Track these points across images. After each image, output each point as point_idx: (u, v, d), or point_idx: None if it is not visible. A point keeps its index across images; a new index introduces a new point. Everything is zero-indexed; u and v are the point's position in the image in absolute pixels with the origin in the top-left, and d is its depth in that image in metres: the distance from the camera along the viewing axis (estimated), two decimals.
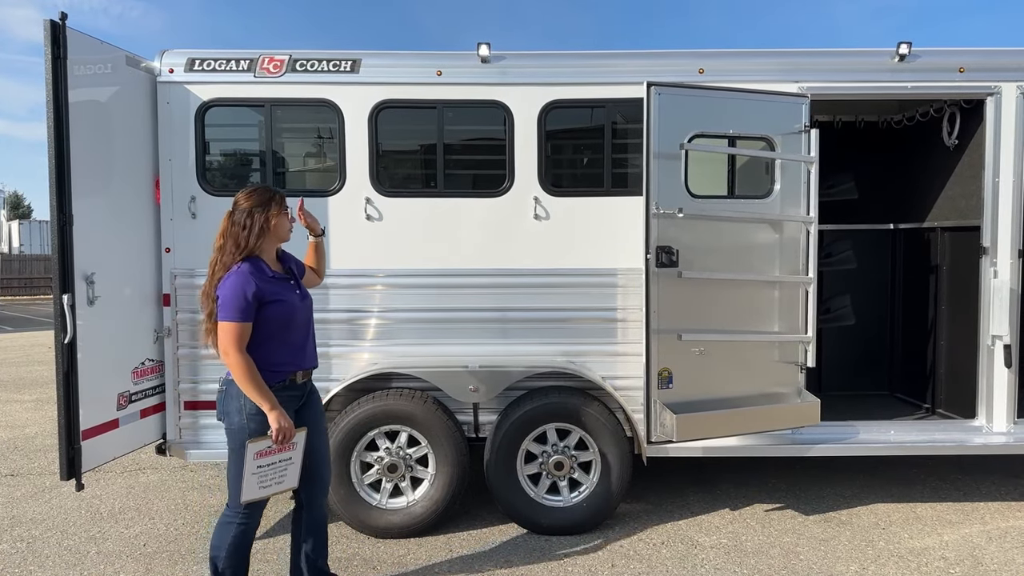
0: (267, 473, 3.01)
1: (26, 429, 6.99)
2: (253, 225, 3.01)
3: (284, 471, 3.05)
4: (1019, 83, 4.38)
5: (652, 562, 3.95)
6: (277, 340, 3.05)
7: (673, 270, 4.05)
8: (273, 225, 3.06)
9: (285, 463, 3.04)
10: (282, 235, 3.14)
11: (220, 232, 3.06)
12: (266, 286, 3.00)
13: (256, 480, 2.99)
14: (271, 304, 3.00)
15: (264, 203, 3.05)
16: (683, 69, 4.33)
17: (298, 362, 3.15)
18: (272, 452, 2.99)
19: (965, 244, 4.80)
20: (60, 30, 3.52)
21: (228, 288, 2.93)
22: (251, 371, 2.93)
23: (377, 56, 4.38)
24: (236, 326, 2.91)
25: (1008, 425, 4.52)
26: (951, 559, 3.98)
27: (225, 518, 3.11)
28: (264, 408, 2.94)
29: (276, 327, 3.03)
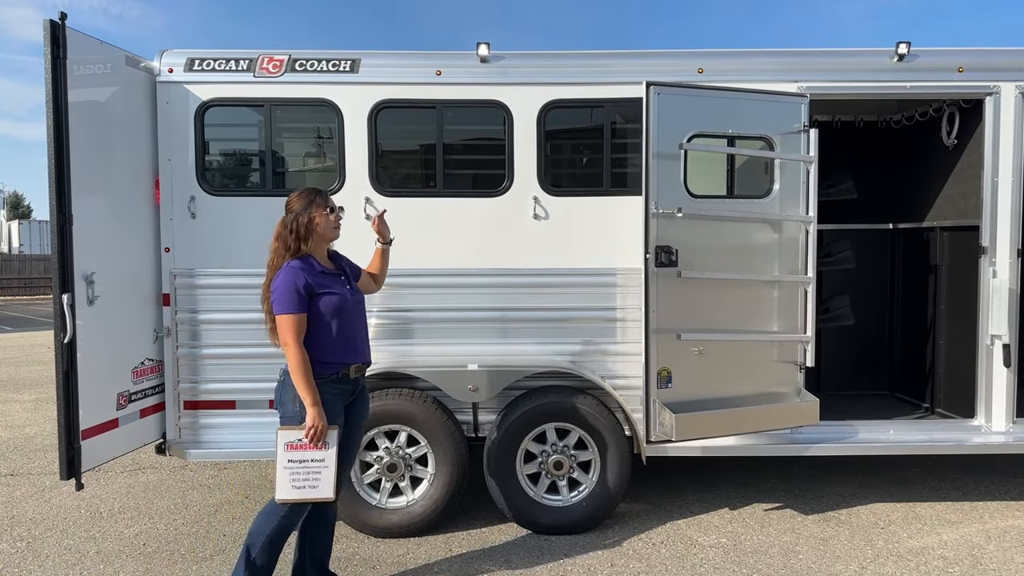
0: (299, 472, 3.05)
1: (25, 429, 6.99)
2: (298, 227, 3.14)
3: (318, 474, 3.07)
4: (1018, 83, 4.39)
5: (651, 561, 3.96)
6: (331, 334, 3.16)
7: (672, 270, 4.05)
8: (316, 225, 3.17)
9: (318, 465, 3.07)
10: (326, 234, 3.23)
11: (275, 235, 3.22)
12: (315, 279, 3.13)
13: (289, 476, 3.04)
14: (321, 296, 3.12)
15: (306, 205, 3.17)
16: (682, 69, 4.33)
17: (351, 356, 3.25)
18: (303, 447, 3.04)
19: (964, 244, 4.80)
20: (60, 30, 3.52)
21: (279, 283, 3.07)
22: (303, 364, 3.04)
23: (376, 56, 4.38)
24: (291, 318, 3.04)
25: (1007, 424, 4.52)
26: (950, 558, 3.98)
27: (270, 507, 3.18)
28: (305, 402, 3.04)
29: (329, 319, 3.14)
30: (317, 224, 3.18)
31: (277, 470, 3.03)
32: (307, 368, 3.06)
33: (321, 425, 3.05)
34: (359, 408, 3.40)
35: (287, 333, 3.05)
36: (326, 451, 3.07)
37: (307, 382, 3.05)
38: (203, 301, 4.33)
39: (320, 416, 3.05)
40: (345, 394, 3.26)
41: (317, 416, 3.04)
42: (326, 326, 3.15)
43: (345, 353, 3.22)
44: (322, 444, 3.07)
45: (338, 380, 3.20)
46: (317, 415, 3.04)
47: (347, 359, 3.23)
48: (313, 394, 3.05)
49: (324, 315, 3.13)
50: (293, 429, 3.06)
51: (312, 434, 3.03)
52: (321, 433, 3.05)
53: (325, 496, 3.09)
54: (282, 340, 3.07)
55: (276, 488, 3.05)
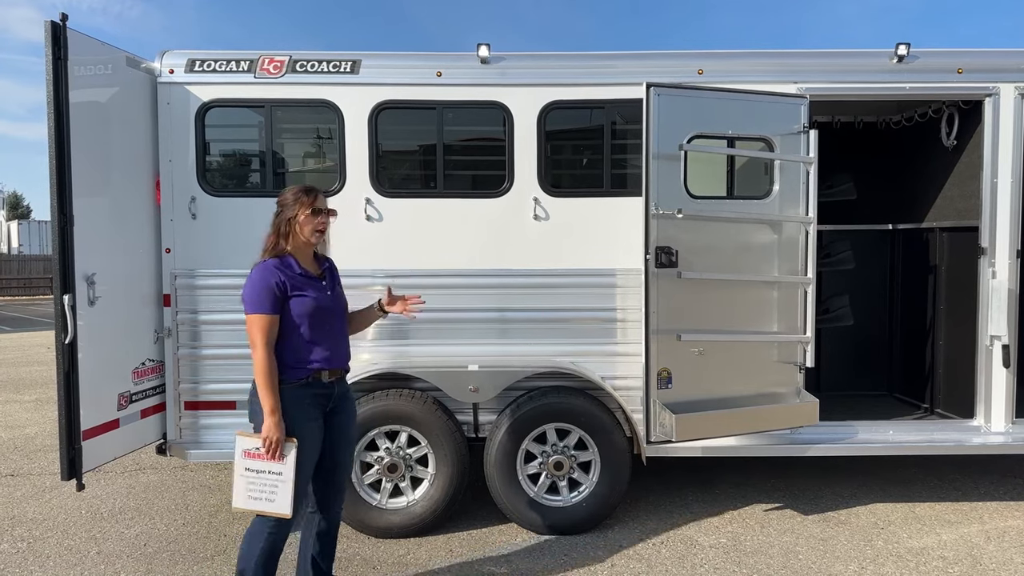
0: (256, 482, 2.91)
1: (26, 429, 6.99)
2: (280, 225, 3.04)
3: (275, 487, 2.90)
4: (1017, 84, 4.40)
5: (651, 562, 3.96)
6: (301, 335, 3.00)
7: (672, 270, 4.05)
8: (299, 224, 3.02)
9: (275, 478, 2.90)
10: (306, 237, 3.04)
11: None
12: (291, 280, 2.98)
13: (245, 484, 2.91)
14: (293, 298, 2.99)
15: (290, 203, 3.03)
16: (682, 70, 4.34)
17: (324, 361, 3.06)
18: (260, 456, 2.89)
19: (964, 244, 4.81)
20: (61, 31, 3.52)
21: (250, 282, 2.96)
22: (268, 369, 2.90)
23: (377, 57, 4.39)
24: (260, 318, 2.90)
25: (1006, 425, 4.53)
26: (950, 558, 3.99)
27: (255, 527, 3.03)
28: (264, 409, 2.89)
29: (299, 321, 2.99)
30: (301, 224, 3.02)
31: (234, 476, 2.90)
32: (272, 373, 2.90)
33: (277, 436, 2.88)
34: (345, 418, 3.21)
35: (255, 334, 2.90)
36: (283, 464, 2.89)
37: (269, 388, 2.89)
38: (203, 302, 4.33)
39: (277, 427, 2.88)
40: (319, 400, 3.07)
41: (274, 426, 2.88)
42: (296, 328, 2.98)
43: (317, 357, 3.04)
44: (279, 456, 2.89)
45: (308, 384, 3.02)
46: (274, 425, 2.88)
47: (318, 363, 3.04)
48: (273, 401, 2.89)
49: (295, 317, 2.98)
50: (252, 436, 2.91)
51: (268, 444, 2.87)
52: (276, 444, 2.88)
53: (281, 512, 2.91)
54: (250, 341, 2.93)
55: (233, 495, 2.92)
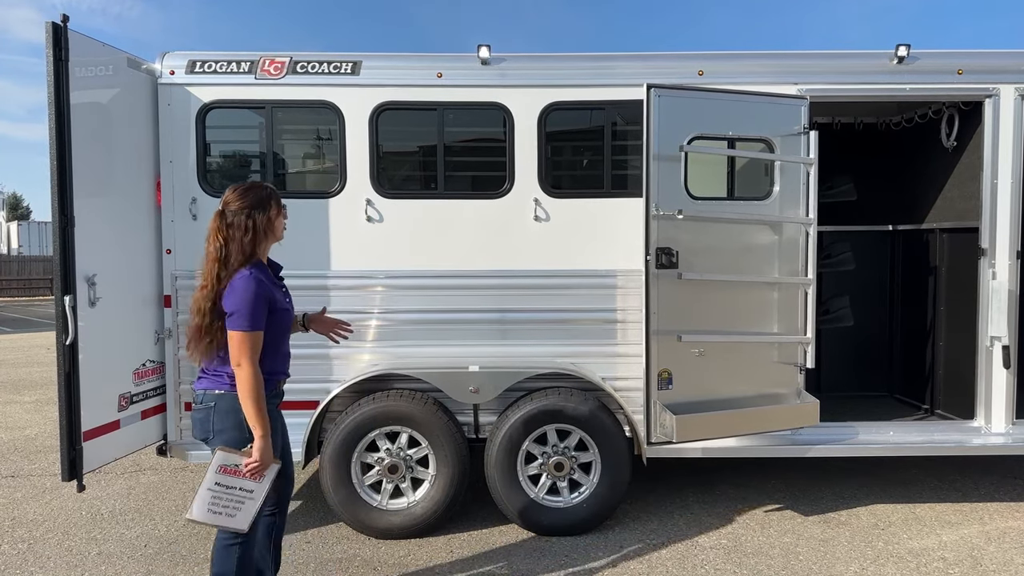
0: (221, 497, 2.78)
1: (26, 430, 6.99)
2: (256, 227, 2.81)
3: (240, 504, 2.80)
4: (1017, 85, 4.40)
5: (652, 562, 3.96)
6: (275, 347, 2.89)
7: (673, 271, 4.06)
8: (274, 227, 2.89)
9: (245, 495, 2.80)
10: (279, 235, 2.96)
11: (212, 235, 2.82)
12: (274, 292, 2.86)
13: (210, 498, 2.77)
14: (280, 311, 2.86)
15: (263, 202, 2.85)
16: (683, 71, 4.35)
17: (285, 368, 3.03)
18: (237, 474, 2.77)
19: (964, 245, 4.81)
20: (61, 32, 3.53)
21: (244, 295, 2.72)
22: (258, 389, 2.74)
23: (377, 58, 4.39)
24: (253, 336, 2.73)
25: (1007, 426, 4.53)
26: (950, 559, 3.99)
27: (223, 541, 2.89)
28: (256, 432, 2.74)
29: (278, 334, 2.90)
30: (275, 226, 2.89)
31: (200, 488, 2.76)
32: (262, 393, 2.74)
33: (268, 459, 2.78)
34: (281, 419, 3.10)
35: (245, 351, 2.70)
36: (259, 483, 2.81)
37: (261, 409, 2.73)
38: None
39: (268, 450, 2.77)
40: (275, 408, 2.99)
41: (266, 449, 2.75)
42: (274, 341, 2.86)
43: (282, 366, 2.99)
44: (260, 477, 2.80)
45: (273, 395, 2.94)
46: (266, 448, 2.75)
47: (281, 373, 3.00)
48: (265, 424, 2.74)
49: (277, 331, 2.86)
50: (233, 453, 2.78)
51: (256, 468, 2.76)
52: (264, 468, 2.78)
53: (239, 527, 2.81)
54: (235, 359, 2.71)
55: (190, 505, 2.79)
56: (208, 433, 2.85)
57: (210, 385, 2.84)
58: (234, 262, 2.78)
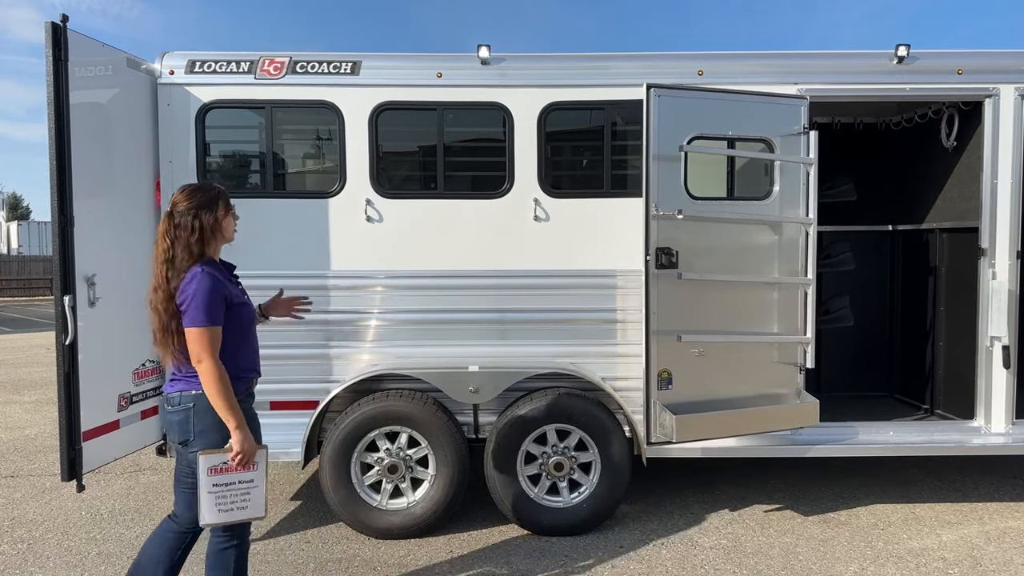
0: (225, 494, 2.78)
1: (26, 430, 6.99)
2: (203, 227, 2.80)
3: (247, 495, 2.82)
4: (1017, 85, 4.40)
5: (652, 563, 3.96)
6: (243, 344, 2.90)
7: (673, 271, 4.06)
8: (222, 227, 2.88)
9: (246, 485, 2.82)
10: (229, 236, 2.95)
11: (160, 236, 2.81)
12: (230, 288, 2.86)
13: (214, 500, 2.77)
14: (239, 306, 2.87)
15: (210, 203, 2.83)
16: (682, 71, 4.35)
17: (256, 367, 3.03)
18: (228, 470, 2.78)
19: (964, 245, 4.81)
20: (61, 32, 3.52)
21: (197, 290, 2.71)
22: (225, 382, 2.73)
23: (377, 58, 4.39)
24: (211, 331, 2.72)
25: (1006, 426, 4.53)
26: (950, 559, 3.99)
27: (217, 545, 2.89)
28: (230, 425, 2.73)
29: (242, 330, 2.90)
30: (223, 227, 2.88)
31: (200, 495, 2.76)
32: (229, 386, 2.73)
33: (250, 448, 2.78)
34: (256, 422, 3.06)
35: (205, 347, 2.69)
36: (254, 472, 2.82)
37: (230, 402, 2.73)
38: None
39: (248, 438, 2.76)
40: (251, 410, 3.01)
41: (245, 439, 2.75)
42: (240, 339, 2.87)
43: (253, 365, 3.00)
44: (251, 465, 2.81)
45: (248, 395, 2.96)
46: (245, 438, 2.75)
47: (253, 371, 3.00)
48: (238, 415, 2.74)
49: (239, 327, 2.86)
50: (216, 453, 2.77)
51: (242, 459, 2.76)
52: (250, 457, 2.78)
53: (256, 515, 2.85)
54: (195, 356, 2.71)
55: (200, 513, 2.77)
56: (189, 435, 2.82)
57: (186, 387, 2.81)
58: (180, 262, 2.77)
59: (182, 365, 2.82)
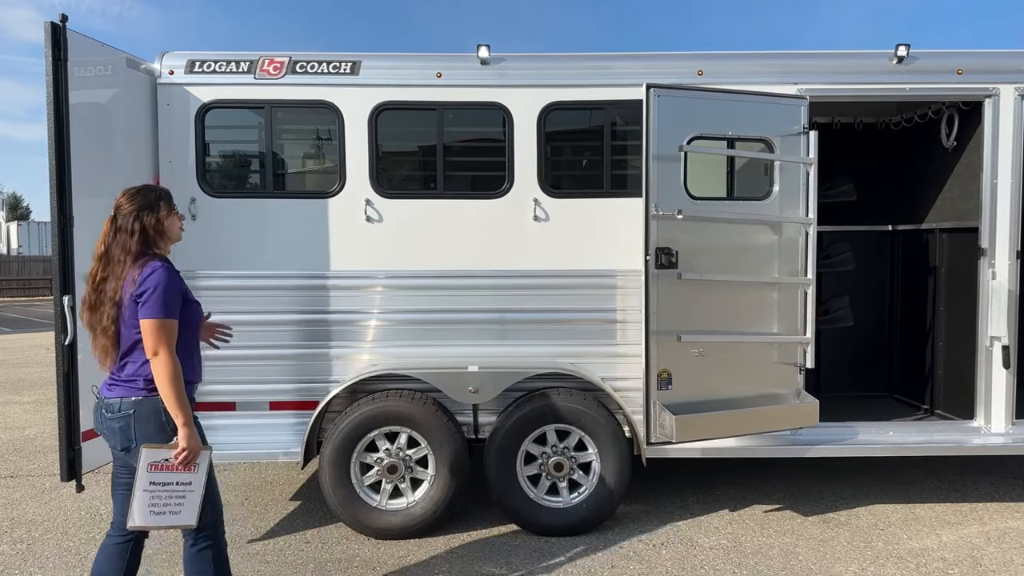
0: (160, 495, 2.70)
1: (25, 431, 6.99)
2: (144, 229, 2.80)
3: (182, 498, 2.73)
4: (1017, 85, 4.40)
5: (652, 563, 3.96)
6: (190, 348, 2.88)
7: (672, 271, 4.05)
8: (166, 227, 2.88)
9: (183, 488, 2.74)
10: (175, 236, 2.96)
11: (101, 238, 2.82)
12: (186, 285, 2.88)
13: (148, 500, 2.69)
14: (191, 303, 2.88)
15: (151, 204, 2.84)
16: (682, 71, 4.34)
17: (199, 374, 3.00)
18: (169, 468, 2.70)
19: (964, 245, 4.81)
20: (61, 32, 3.52)
21: (156, 282, 2.70)
22: (179, 377, 2.71)
23: (377, 58, 4.39)
24: (170, 323, 2.71)
25: (1006, 426, 4.53)
26: (950, 560, 3.99)
27: (191, 549, 2.86)
28: (178, 421, 2.70)
29: (191, 332, 2.89)
30: (167, 227, 2.88)
31: (135, 493, 2.68)
32: (182, 381, 2.71)
33: (196, 447, 2.73)
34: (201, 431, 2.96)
35: (162, 340, 2.67)
36: (193, 474, 2.74)
37: (181, 397, 2.70)
38: (203, 303, 4.26)
39: (195, 436, 2.73)
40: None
41: (192, 436, 2.72)
42: (189, 340, 2.86)
43: (196, 372, 2.97)
44: (193, 466, 2.75)
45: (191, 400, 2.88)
46: (192, 435, 2.72)
47: (196, 378, 2.96)
48: (187, 411, 2.71)
49: (191, 328, 2.86)
50: (160, 448, 2.70)
51: (186, 456, 2.70)
52: (194, 456, 2.73)
53: (187, 523, 2.76)
54: (152, 349, 2.68)
55: (130, 512, 2.70)
56: (130, 442, 2.77)
57: (125, 392, 2.78)
58: (118, 262, 2.76)
59: (118, 370, 2.79)
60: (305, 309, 4.35)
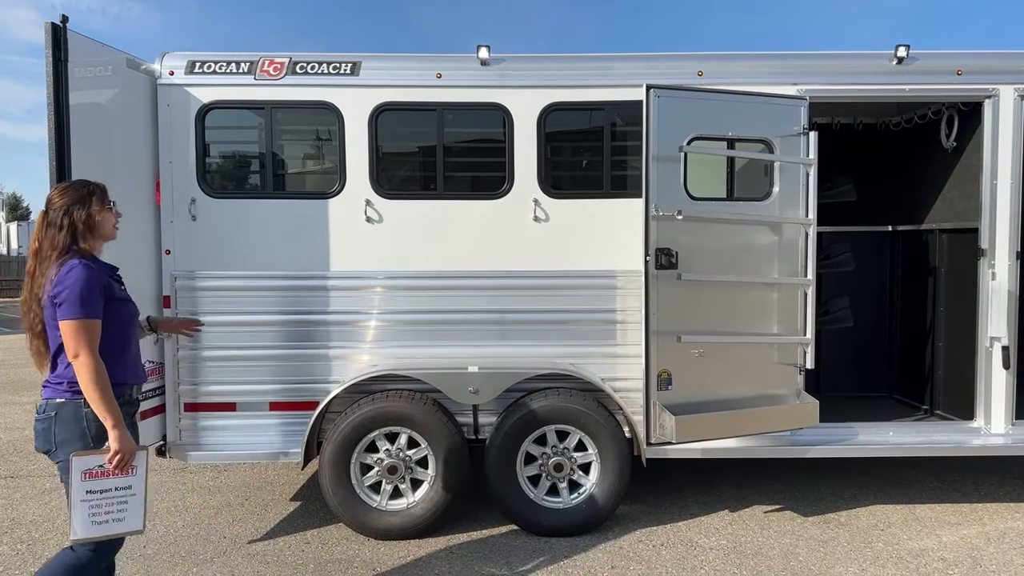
0: (100, 503, 2.60)
1: (25, 431, 6.98)
2: (73, 224, 2.70)
3: (123, 504, 2.63)
4: (1017, 85, 4.40)
5: (652, 563, 3.96)
6: (119, 347, 2.77)
7: (672, 272, 4.06)
8: (97, 223, 2.77)
9: (123, 493, 2.63)
10: (107, 233, 2.84)
11: (35, 234, 2.74)
12: (111, 281, 2.76)
13: (88, 510, 2.58)
14: (120, 302, 2.77)
15: (83, 199, 2.74)
16: (682, 71, 4.35)
17: (134, 375, 2.88)
18: (104, 474, 2.60)
19: (963, 246, 4.81)
20: (61, 32, 3.53)
21: (73, 281, 2.60)
22: (103, 378, 2.59)
23: (377, 58, 4.39)
24: (90, 323, 2.59)
25: (1006, 426, 4.53)
26: (950, 560, 3.99)
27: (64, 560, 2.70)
28: (107, 423, 2.59)
29: (121, 331, 2.77)
30: (99, 223, 2.78)
31: (72, 504, 2.57)
32: (107, 382, 2.59)
33: (129, 448, 2.62)
34: (136, 434, 2.89)
35: (84, 342, 2.57)
36: (132, 476, 2.64)
37: (108, 398, 2.58)
38: (203, 303, 4.33)
39: (126, 438, 2.62)
40: (129, 418, 2.83)
41: (123, 438, 2.61)
42: (118, 339, 2.75)
43: (131, 373, 2.84)
44: (130, 468, 2.64)
45: (124, 403, 2.76)
46: (121, 436, 2.60)
47: (131, 379, 2.84)
48: (116, 414, 2.60)
49: (119, 326, 2.74)
50: (91, 454, 2.60)
51: (120, 460, 2.60)
52: (129, 458, 2.63)
53: (134, 528, 2.67)
54: (72, 350, 2.58)
55: (71, 526, 2.58)
56: (51, 445, 2.68)
57: (52, 394, 2.71)
58: (46, 258, 2.68)
59: (50, 371, 2.73)
60: (305, 309, 4.36)
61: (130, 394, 2.86)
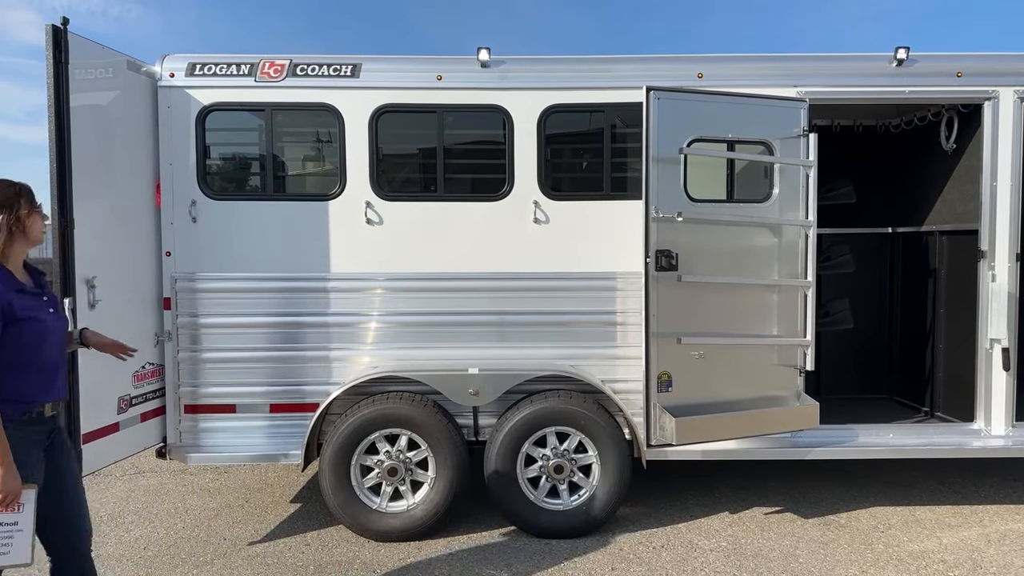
0: None
1: None
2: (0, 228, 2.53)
3: (9, 538, 2.55)
4: (1016, 88, 4.41)
5: (652, 565, 3.96)
6: (27, 368, 2.58)
7: (672, 274, 4.06)
8: (25, 227, 2.59)
9: (10, 529, 2.54)
10: (34, 238, 2.65)
11: None
12: (16, 300, 2.53)
13: None
14: (23, 322, 2.54)
15: (8, 202, 2.56)
16: (682, 73, 4.35)
17: (46, 392, 2.66)
18: None
19: (963, 248, 4.81)
20: (61, 35, 3.53)
21: None
22: None
23: (377, 60, 4.40)
24: None
25: (1006, 428, 4.53)
26: (950, 562, 3.99)
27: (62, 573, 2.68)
28: None
29: (26, 351, 2.57)
30: (27, 227, 2.60)
31: None
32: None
33: (13, 489, 2.47)
34: (62, 453, 2.75)
35: None
36: (19, 514, 2.54)
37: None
38: (203, 305, 4.34)
39: (14, 477, 2.47)
40: (39, 435, 2.65)
41: (9, 477, 2.45)
42: (20, 359, 2.55)
43: (40, 390, 2.63)
44: (16, 506, 2.52)
45: (31, 421, 2.60)
46: (6, 476, 2.44)
47: (41, 397, 2.63)
48: (4, 450, 2.43)
49: (20, 347, 2.54)
50: None
51: (5, 499, 2.47)
52: (13, 498, 2.49)
53: (21, 561, 2.56)
54: None
55: None
56: None
57: None
58: None
59: None
60: (305, 311, 4.36)
61: (40, 412, 2.64)
